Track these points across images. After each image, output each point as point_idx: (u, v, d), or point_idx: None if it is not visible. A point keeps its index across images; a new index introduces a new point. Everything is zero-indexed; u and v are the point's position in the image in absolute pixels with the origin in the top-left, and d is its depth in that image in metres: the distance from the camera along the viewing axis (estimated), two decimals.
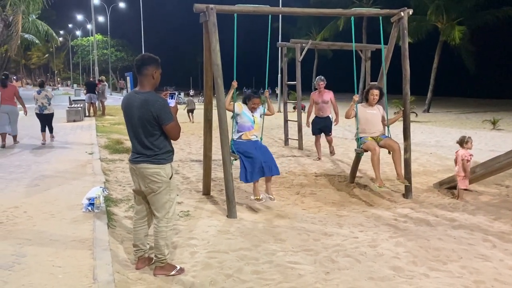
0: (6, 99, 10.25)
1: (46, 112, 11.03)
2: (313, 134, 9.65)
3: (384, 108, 6.70)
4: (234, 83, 5.91)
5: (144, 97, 3.48)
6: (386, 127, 6.71)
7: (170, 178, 3.63)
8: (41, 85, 11.63)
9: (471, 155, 6.41)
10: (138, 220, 3.85)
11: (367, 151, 6.35)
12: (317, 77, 9.59)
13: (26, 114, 11.16)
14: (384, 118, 6.61)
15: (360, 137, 6.45)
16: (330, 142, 9.74)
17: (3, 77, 10.57)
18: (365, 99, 6.57)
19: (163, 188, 3.59)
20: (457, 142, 6.66)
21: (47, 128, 11.23)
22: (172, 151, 3.71)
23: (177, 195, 4.01)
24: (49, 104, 11.14)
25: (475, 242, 4.68)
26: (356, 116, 6.45)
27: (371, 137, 6.42)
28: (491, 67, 43.51)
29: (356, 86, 6.41)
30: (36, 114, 11.11)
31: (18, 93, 10.72)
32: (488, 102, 37.15)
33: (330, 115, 9.55)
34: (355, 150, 6.63)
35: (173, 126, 3.54)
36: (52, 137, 11.48)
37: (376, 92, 6.48)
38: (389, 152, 6.46)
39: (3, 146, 10.21)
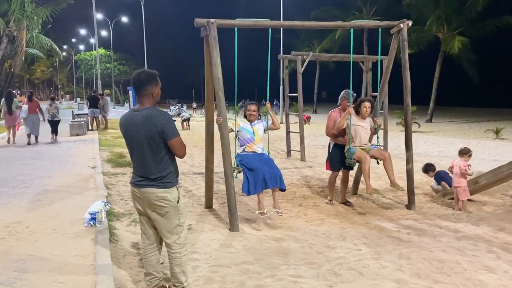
0: (32, 110, 13.90)
1: (56, 119, 14.61)
2: (334, 169, 6.85)
3: (376, 116, 6.75)
4: (218, 120, 5.69)
5: (146, 113, 3.27)
6: (376, 137, 6.78)
7: (177, 202, 3.39)
8: (53, 99, 15.32)
9: (469, 165, 6.39)
10: (148, 245, 3.57)
11: (359, 162, 6.41)
12: (345, 91, 6.81)
13: (44, 120, 14.63)
14: (372, 130, 6.67)
15: (351, 148, 6.45)
16: (347, 180, 7.05)
17: (29, 94, 14.82)
18: (356, 112, 6.51)
19: (171, 212, 3.36)
20: (460, 152, 6.62)
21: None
22: (177, 174, 3.49)
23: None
24: (58, 113, 14.72)
25: (479, 254, 4.64)
26: (350, 126, 6.45)
27: (360, 148, 6.45)
28: (493, 77, 43.57)
29: (352, 99, 6.52)
30: (48, 120, 14.65)
31: (40, 106, 14.37)
32: (491, 111, 37.12)
33: None
34: (346, 161, 6.55)
35: (179, 140, 3.32)
36: (56, 139, 14.60)
37: (368, 104, 6.49)
38: (377, 162, 6.53)
39: (29, 143, 13.76)
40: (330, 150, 6.93)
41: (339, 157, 6.70)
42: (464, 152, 6.53)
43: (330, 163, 6.92)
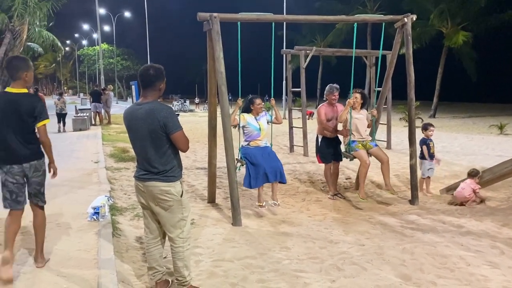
0: None
1: (63, 112, 16.47)
2: (325, 161, 6.90)
3: (371, 108, 6.70)
4: (240, 101, 5.97)
5: (148, 107, 3.25)
6: (373, 134, 6.75)
7: (181, 196, 3.39)
8: (60, 94, 17.70)
9: (480, 187, 6.44)
10: (151, 240, 3.56)
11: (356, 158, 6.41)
12: (329, 86, 6.91)
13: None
14: (368, 121, 6.58)
15: (352, 141, 6.43)
16: (337, 172, 7.15)
17: (35, 89, 16.75)
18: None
19: (174, 206, 3.36)
20: (469, 174, 6.56)
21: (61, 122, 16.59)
22: (181, 167, 3.47)
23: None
24: (65, 107, 16.66)
25: (483, 249, 4.62)
26: (350, 119, 6.42)
27: (360, 143, 6.42)
28: (497, 72, 43.39)
29: (352, 91, 6.46)
30: (56, 113, 16.34)
31: (44, 99, 15.93)
32: (495, 106, 36.98)
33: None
34: (344, 153, 6.57)
35: (182, 134, 3.29)
36: (64, 129, 16.19)
37: (356, 95, 6.44)
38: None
39: None
40: (319, 144, 6.95)
41: (330, 150, 6.82)
42: (474, 174, 6.50)
43: (321, 156, 6.97)
